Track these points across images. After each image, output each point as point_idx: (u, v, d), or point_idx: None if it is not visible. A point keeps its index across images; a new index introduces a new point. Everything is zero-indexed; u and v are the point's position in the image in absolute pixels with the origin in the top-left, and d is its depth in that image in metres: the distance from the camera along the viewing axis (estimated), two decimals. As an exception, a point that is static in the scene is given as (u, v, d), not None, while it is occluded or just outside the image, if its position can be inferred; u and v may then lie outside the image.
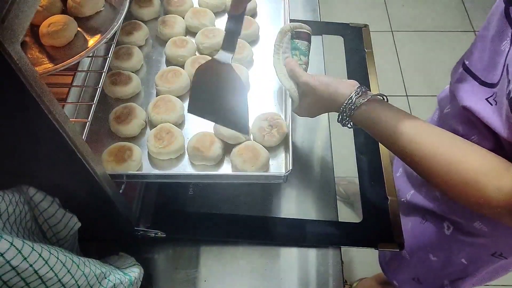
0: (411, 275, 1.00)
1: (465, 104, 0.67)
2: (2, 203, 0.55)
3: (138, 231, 0.80)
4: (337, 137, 1.00)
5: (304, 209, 0.86)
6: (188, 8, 1.01)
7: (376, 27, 2.37)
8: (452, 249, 0.87)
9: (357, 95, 0.69)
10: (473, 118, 0.66)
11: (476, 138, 0.68)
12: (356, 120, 0.70)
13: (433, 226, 0.88)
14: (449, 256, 0.89)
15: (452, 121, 0.75)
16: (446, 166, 0.58)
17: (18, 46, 0.40)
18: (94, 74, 0.89)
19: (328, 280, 0.78)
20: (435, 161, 0.59)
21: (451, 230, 0.84)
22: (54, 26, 0.78)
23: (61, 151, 0.54)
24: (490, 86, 0.63)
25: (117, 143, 0.78)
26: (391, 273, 1.06)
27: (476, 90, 0.66)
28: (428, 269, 0.95)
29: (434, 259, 0.92)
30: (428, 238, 0.90)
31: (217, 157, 0.76)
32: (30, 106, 0.46)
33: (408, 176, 0.98)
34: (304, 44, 0.84)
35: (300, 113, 0.83)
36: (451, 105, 0.78)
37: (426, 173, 0.62)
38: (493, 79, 0.62)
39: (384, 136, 0.66)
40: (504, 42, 0.60)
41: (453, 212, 0.83)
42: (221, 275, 0.79)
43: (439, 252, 0.90)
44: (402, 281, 1.04)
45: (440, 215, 0.86)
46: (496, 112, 0.60)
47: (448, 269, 0.91)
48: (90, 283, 0.59)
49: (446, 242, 0.87)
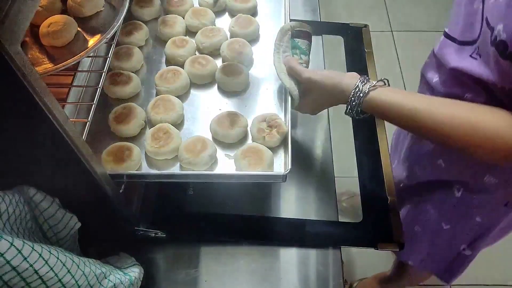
0: (426, 250, 1.01)
1: (452, 66, 0.72)
2: (2, 203, 0.55)
3: (138, 231, 0.80)
4: (337, 137, 1.00)
5: (304, 209, 0.86)
6: (188, 8, 1.01)
7: (376, 27, 2.37)
8: (464, 211, 0.89)
9: (363, 83, 0.71)
10: (463, 77, 0.70)
11: (469, 96, 0.71)
12: (367, 106, 0.71)
13: (441, 195, 0.90)
14: (462, 218, 0.91)
15: (444, 88, 0.78)
16: (468, 128, 0.62)
17: (18, 46, 0.40)
18: (94, 74, 0.89)
19: (328, 280, 0.78)
20: (456, 126, 0.63)
21: (461, 192, 0.87)
22: (54, 26, 0.78)
23: (61, 151, 0.54)
24: (470, 44, 0.69)
25: (116, 143, 0.78)
26: (404, 254, 1.05)
27: (459, 50, 0.71)
28: (442, 239, 0.96)
29: (447, 227, 0.93)
30: (438, 208, 0.92)
31: (205, 164, 0.75)
32: (30, 106, 0.46)
33: (404, 160, 1.00)
34: (304, 43, 0.84)
35: (302, 110, 0.83)
36: (439, 74, 0.81)
37: (449, 139, 0.66)
38: (471, 36, 0.68)
39: (400, 116, 0.69)
40: (475, 2, 0.67)
41: (461, 174, 0.85)
42: (221, 275, 0.79)
43: (451, 218, 0.92)
44: (417, 259, 1.05)
45: (447, 181, 0.88)
46: (482, 64, 0.65)
47: (463, 233, 0.93)
48: (90, 283, 0.59)
49: (458, 206, 0.89)
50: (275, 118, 0.79)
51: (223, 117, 0.80)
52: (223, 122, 0.79)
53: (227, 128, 0.78)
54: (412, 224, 0.99)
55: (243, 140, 0.81)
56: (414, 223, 0.98)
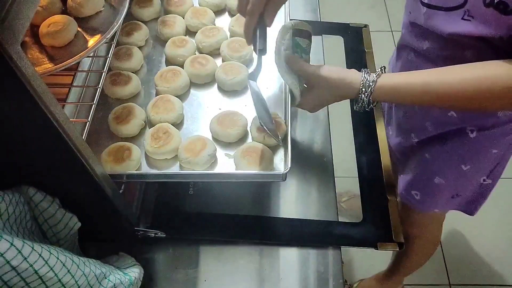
0: (450, 194, 1.02)
1: (448, 32, 0.73)
2: (2, 203, 0.55)
3: (138, 231, 0.80)
4: (337, 137, 1.00)
5: (304, 209, 0.86)
6: (188, 8, 1.01)
7: (376, 27, 2.36)
8: (482, 148, 0.91)
9: (368, 74, 0.73)
10: (462, 38, 0.71)
11: (470, 52, 0.73)
12: (378, 94, 0.72)
13: (455, 141, 0.92)
14: (480, 156, 0.92)
15: (442, 52, 0.79)
16: (485, 84, 0.65)
17: (18, 46, 0.40)
18: (94, 74, 0.89)
19: (328, 280, 0.78)
20: (472, 86, 0.66)
21: (475, 133, 0.88)
22: (54, 26, 0.78)
23: (61, 151, 0.54)
24: (457, 8, 0.70)
25: (116, 143, 0.78)
26: (429, 205, 1.07)
27: (447, 16, 0.72)
28: (464, 179, 0.98)
29: (467, 168, 0.94)
30: (455, 153, 0.93)
31: (205, 163, 0.75)
32: (30, 106, 0.46)
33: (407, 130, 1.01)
34: (305, 42, 0.84)
35: (304, 106, 0.83)
36: (428, 41, 0.82)
37: (469, 102, 0.68)
38: (456, 2, 0.69)
39: (414, 94, 0.71)
40: None
41: (474, 117, 0.86)
42: (221, 275, 0.79)
43: (469, 158, 0.93)
44: (442, 205, 1.06)
45: (459, 128, 0.90)
46: (478, 24, 0.67)
47: (483, 168, 0.95)
48: (90, 283, 0.59)
49: (473, 146, 0.91)
50: (275, 117, 0.79)
51: (223, 116, 0.80)
52: (223, 121, 0.79)
53: (227, 128, 0.78)
54: (431, 179, 1.00)
55: (243, 140, 0.81)
56: (433, 176, 0.99)
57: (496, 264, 1.68)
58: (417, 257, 1.37)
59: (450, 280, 1.66)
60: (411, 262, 1.40)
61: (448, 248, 1.71)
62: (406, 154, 1.06)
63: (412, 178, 1.05)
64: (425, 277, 1.61)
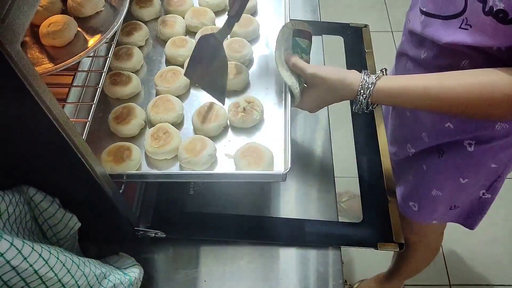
0: (447, 206, 1.02)
1: (446, 41, 0.72)
2: (2, 203, 0.55)
3: (138, 231, 0.80)
4: (337, 137, 1.00)
5: (304, 209, 0.86)
6: (188, 8, 1.01)
7: (376, 27, 2.37)
8: (480, 162, 0.90)
9: (368, 76, 0.72)
10: (458, 48, 0.71)
11: (467, 62, 0.73)
12: (378, 96, 0.72)
13: (453, 153, 0.91)
14: (479, 170, 0.92)
15: (437, 61, 0.79)
16: (484, 91, 0.64)
17: (18, 46, 0.40)
18: (94, 74, 0.89)
19: (328, 280, 0.78)
20: (471, 93, 0.65)
21: (473, 146, 0.88)
22: (54, 26, 0.78)
23: (61, 151, 0.54)
24: (455, 17, 0.69)
25: (116, 143, 0.78)
26: (427, 216, 1.06)
27: (445, 25, 0.72)
28: (462, 192, 0.97)
29: (465, 181, 0.94)
30: (453, 165, 0.93)
31: (205, 163, 0.75)
32: (30, 106, 0.46)
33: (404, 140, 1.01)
34: (305, 42, 0.84)
35: (303, 106, 0.83)
36: (425, 50, 0.81)
37: (467, 108, 0.67)
38: (455, 10, 0.69)
39: (413, 98, 0.70)
40: None
41: (471, 129, 0.86)
42: (221, 275, 0.79)
43: (467, 172, 0.93)
44: (441, 217, 1.06)
45: (456, 140, 0.89)
46: (475, 33, 0.67)
47: (481, 180, 0.94)
48: (90, 283, 0.59)
49: (472, 159, 0.90)
50: (249, 99, 0.81)
51: (203, 110, 0.81)
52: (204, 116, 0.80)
53: (208, 123, 0.79)
54: (428, 190, 0.99)
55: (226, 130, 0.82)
56: (430, 188, 0.98)
57: (496, 264, 1.68)
58: (417, 263, 1.37)
59: (450, 280, 1.66)
60: (411, 268, 1.40)
61: (448, 248, 1.71)
62: (402, 165, 1.05)
63: (409, 189, 1.04)
64: (425, 277, 1.61)
